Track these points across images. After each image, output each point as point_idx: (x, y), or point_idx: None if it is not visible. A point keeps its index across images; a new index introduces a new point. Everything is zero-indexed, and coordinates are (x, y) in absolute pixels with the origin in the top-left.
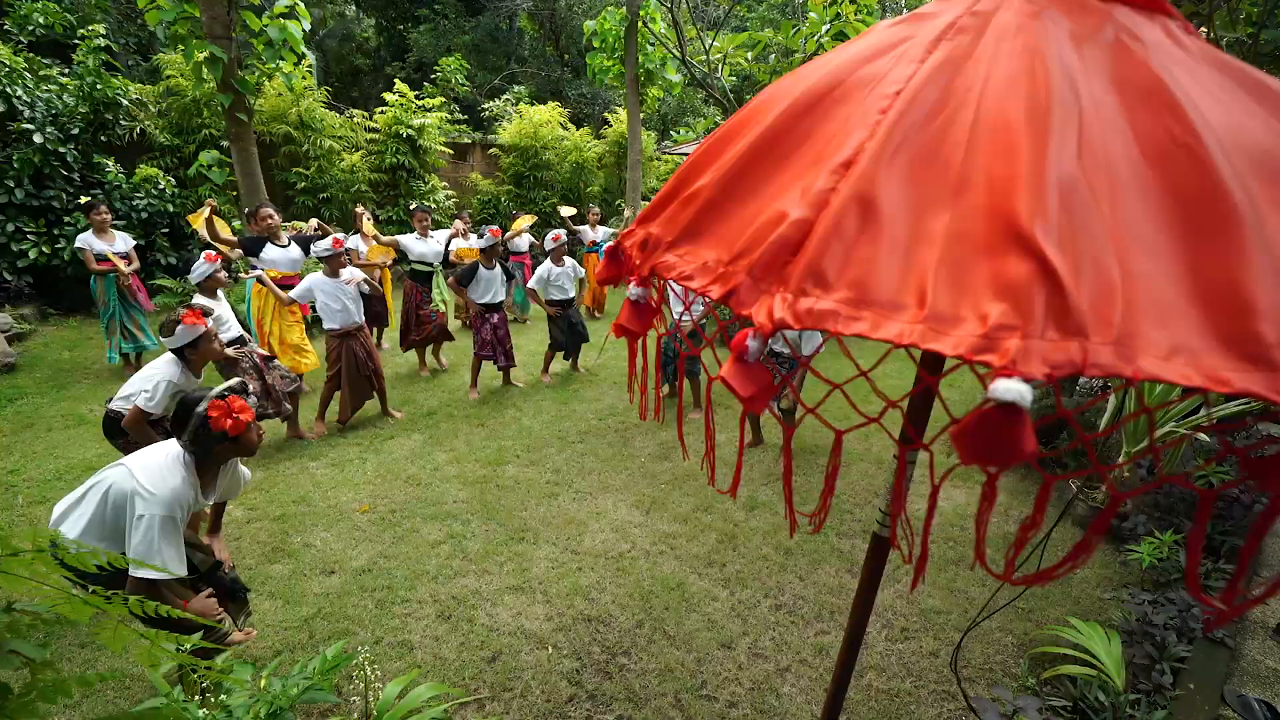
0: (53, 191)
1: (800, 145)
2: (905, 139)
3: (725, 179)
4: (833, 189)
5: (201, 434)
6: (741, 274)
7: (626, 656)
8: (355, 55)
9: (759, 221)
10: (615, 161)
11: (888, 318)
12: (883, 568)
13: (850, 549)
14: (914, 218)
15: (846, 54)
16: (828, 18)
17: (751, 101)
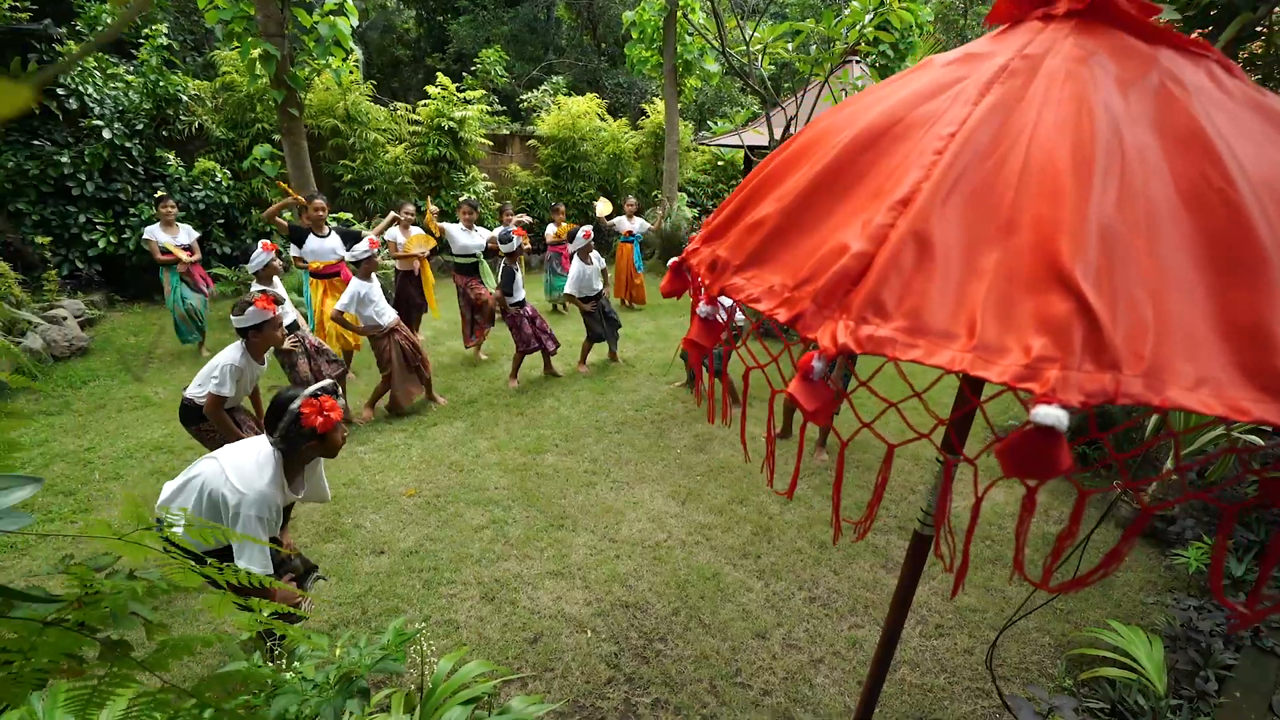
0: (119, 184)
1: (860, 180)
2: (959, 179)
3: (789, 209)
4: (891, 225)
5: (292, 430)
6: (807, 300)
7: (663, 642)
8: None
9: (822, 251)
10: (652, 152)
11: (940, 346)
12: (923, 565)
13: (885, 545)
14: (966, 254)
15: (905, 90)
16: (871, 6)
17: (810, 129)
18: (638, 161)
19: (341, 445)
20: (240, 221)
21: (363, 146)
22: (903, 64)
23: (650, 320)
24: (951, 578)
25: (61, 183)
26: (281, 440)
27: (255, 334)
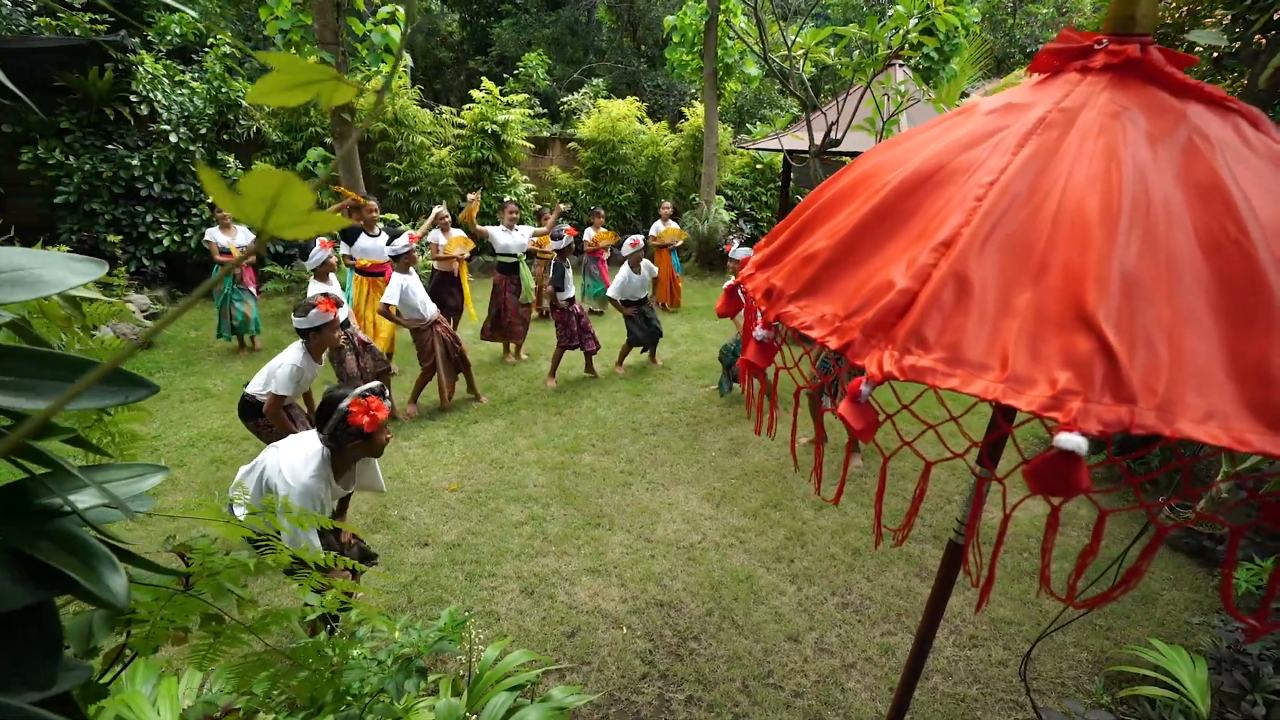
0: (183, 185)
1: (907, 221)
2: (996, 225)
3: (841, 244)
4: (934, 265)
5: (339, 429)
6: (856, 330)
7: (696, 641)
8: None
9: (871, 286)
10: (690, 155)
11: (976, 376)
12: (956, 573)
13: (919, 553)
14: (1001, 294)
15: (950, 137)
16: (915, 10)
17: (859, 165)
18: (676, 164)
19: (386, 444)
20: None
21: (409, 149)
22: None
23: (687, 323)
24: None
25: (131, 184)
26: (330, 438)
27: (315, 335)
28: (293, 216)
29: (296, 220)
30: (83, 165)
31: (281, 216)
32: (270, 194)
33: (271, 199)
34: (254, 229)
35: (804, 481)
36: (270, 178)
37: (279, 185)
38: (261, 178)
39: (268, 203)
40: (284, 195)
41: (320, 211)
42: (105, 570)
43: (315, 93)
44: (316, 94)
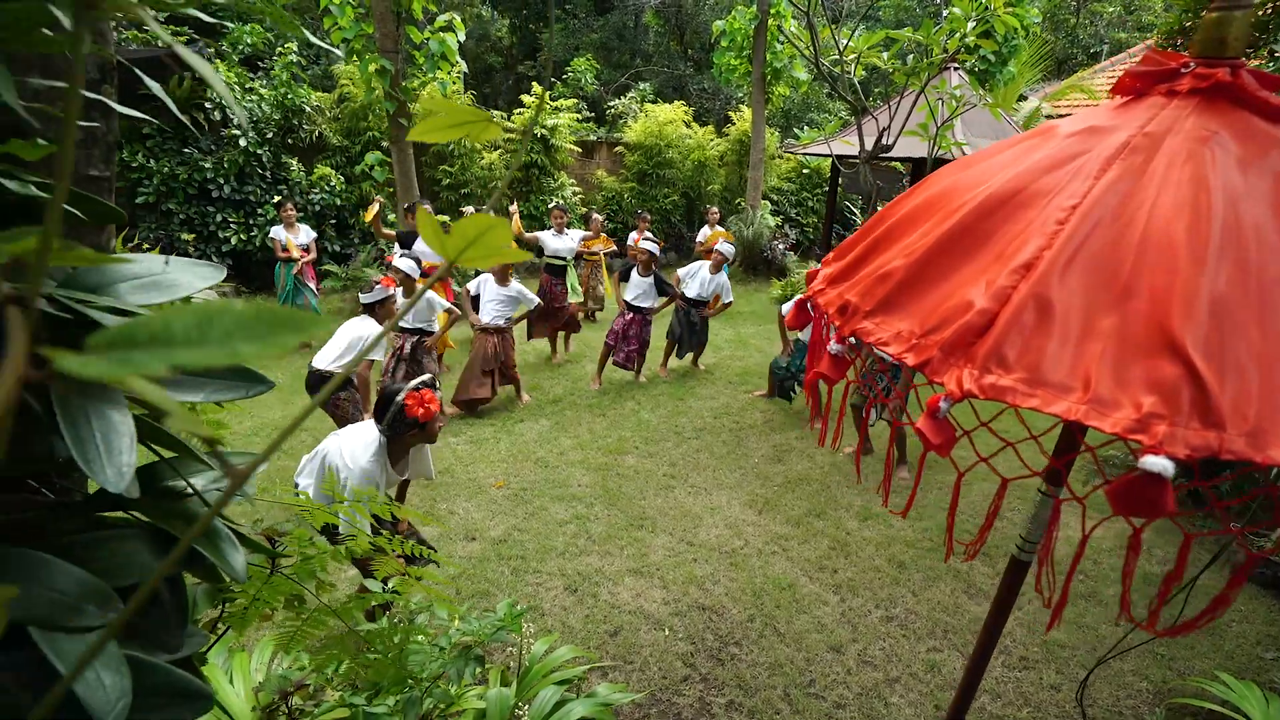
0: (251, 187)
1: (984, 242)
2: (1079, 249)
3: (917, 263)
4: (1014, 287)
5: (397, 419)
6: (934, 349)
7: (738, 647)
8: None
9: (948, 305)
10: (736, 159)
11: (1058, 397)
12: (1018, 590)
13: (968, 570)
14: (1083, 317)
15: (1029, 160)
16: (973, 12)
17: (932, 185)
18: (722, 169)
19: (438, 433)
20: (349, 223)
21: (460, 153)
22: (1004, 69)
23: (730, 328)
24: (1040, 609)
25: (204, 186)
26: (388, 428)
27: (380, 307)
28: (487, 251)
29: (489, 255)
30: (161, 168)
31: (476, 251)
32: (474, 234)
33: (473, 238)
34: (447, 259)
35: (848, 491)
36: (481, 221)
37: (485, 227)
38: (475, 220)
39: (468, 240)
40: (487, 235)
41: (511, 248)
42: (227, 547)
43: (467, 131)
44: (467, 132)
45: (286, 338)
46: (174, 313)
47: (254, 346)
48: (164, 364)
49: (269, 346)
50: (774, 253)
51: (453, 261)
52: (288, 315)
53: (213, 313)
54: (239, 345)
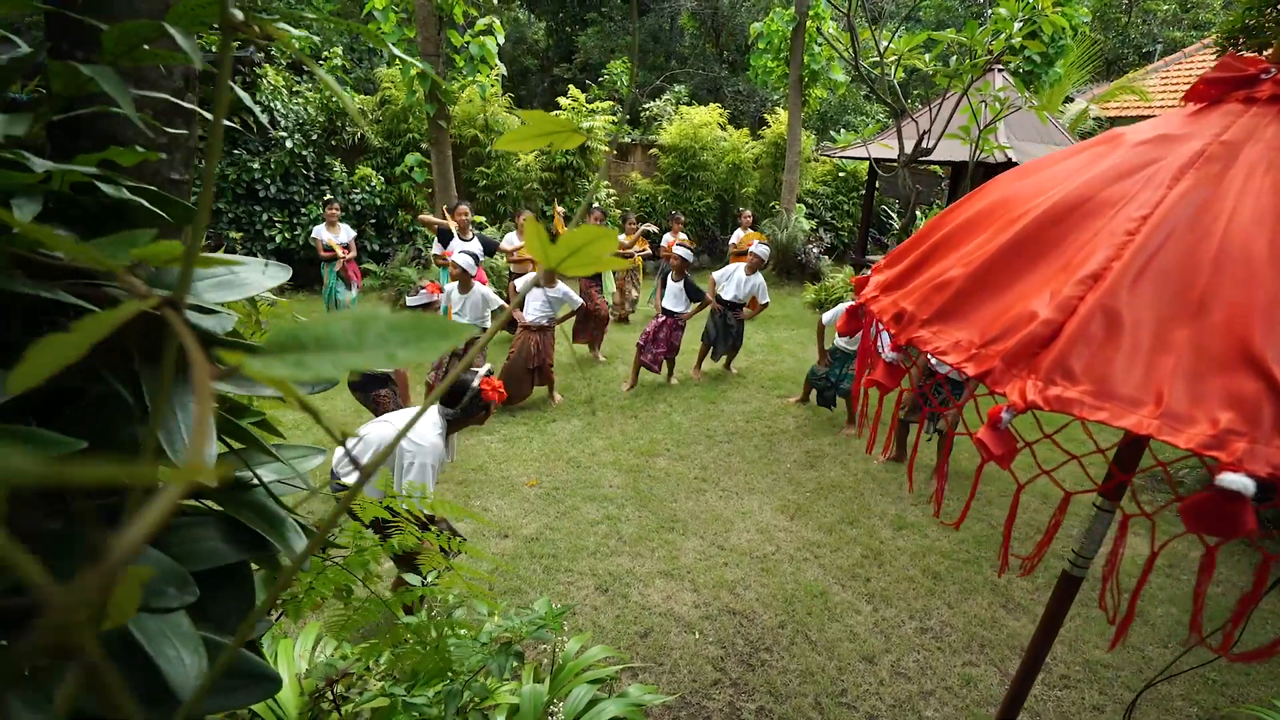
0: (295, 187)
1: (1048, 252)
2: (1151, 260)
3: (976, 273)
4: (1081, 298)
5: (474, 402)
6: (995, 359)
7: (768, 653)
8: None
9: (1010, 315)
10: (772, 162)
11: (1128, 411)
12: (1069, 605)
13: (1006, 584)
14: (1155, 330)
15: (1095, 168)
16: (1019, 13)
17: (989, 193)
18: (756, 171)
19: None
20: (389, 222)
21: (497, 154)
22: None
23: (763, 332)
24: (1081, 626)
25: (251, 186)
26: (462, 411)
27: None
28: (588, 260)
29: (590, 264)
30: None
31: (578, 259)
32: (579, 245)
33: (578, 247)
34: (547, 266)
35: (881, 499)
36: (590, 233)
37: (592, 237)
38: (584, 232)
39: (572, 249)
40: (591, 245)
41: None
42: (292, 536)
43: (550, 141)
44: (551, 142)
45: (437, 344)
46: (330, 320)
47: (409, 351)
48: (335, 367)
49: (421, 352)
50: (808, 256)
51: (552, 269)
52: (435, 323)
53: (365, 319)
54: (396, 349)
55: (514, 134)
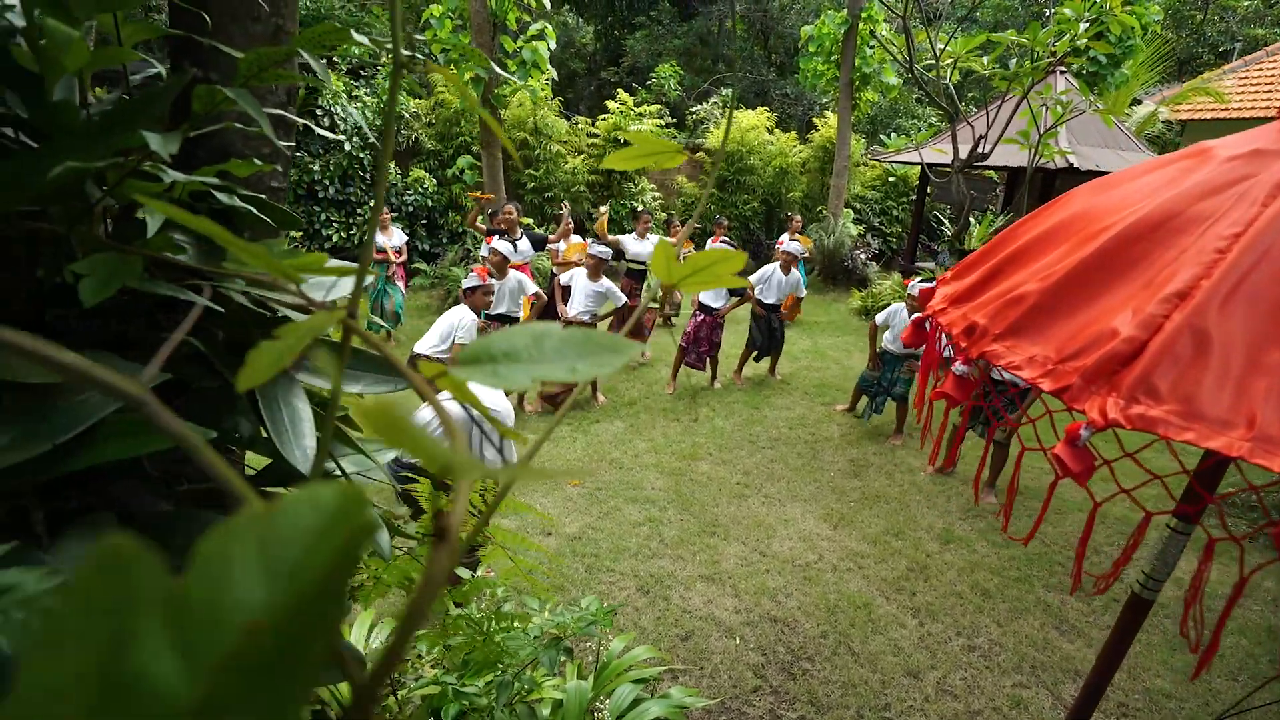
0: (352, 188)
1: (1130, 269)
2: (1243, 280)
3: (1053, 288)
4: (1166, 316)
5: None
6: (1074, 375)
7: (810, 662)
8: (573, 60)
9: (1089, 332)
10: (819, 166)
11: (1216, 433)
12: (1137, 629)
13: (1059, 604)
14: (1247, 351)
15: (1183, 184)
16: (1086, 14)
17: (1063, 206)
18: (804, 175)
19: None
20: (440, 223)
21: (546, 157)
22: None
23: (808, 338)
24: (1140, 652)
25: (311, 186)
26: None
27: (470, 294)
28: (710, 279)
29: (711, 281)
30: None
31: (700, 278)
32: (704, 263)
33: (702, 266)
34: (667, 284)
35: (928, 512)
36: (720, 254)
37: (717, 258)
38: (714, 253)
39: (696, 268)
40: (716, 265)
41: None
42: None
43: (654, 160)
44: (654, 160)
45: (611, 358)
46: (511, 334)
47: (588, 364)
48: (525, 377)
49: (599, 365)
50: (855, 262)
51: (672, 286)
52: (608, 339)
53: (541, 333)
54: (576, 362)
55: (620, 154)
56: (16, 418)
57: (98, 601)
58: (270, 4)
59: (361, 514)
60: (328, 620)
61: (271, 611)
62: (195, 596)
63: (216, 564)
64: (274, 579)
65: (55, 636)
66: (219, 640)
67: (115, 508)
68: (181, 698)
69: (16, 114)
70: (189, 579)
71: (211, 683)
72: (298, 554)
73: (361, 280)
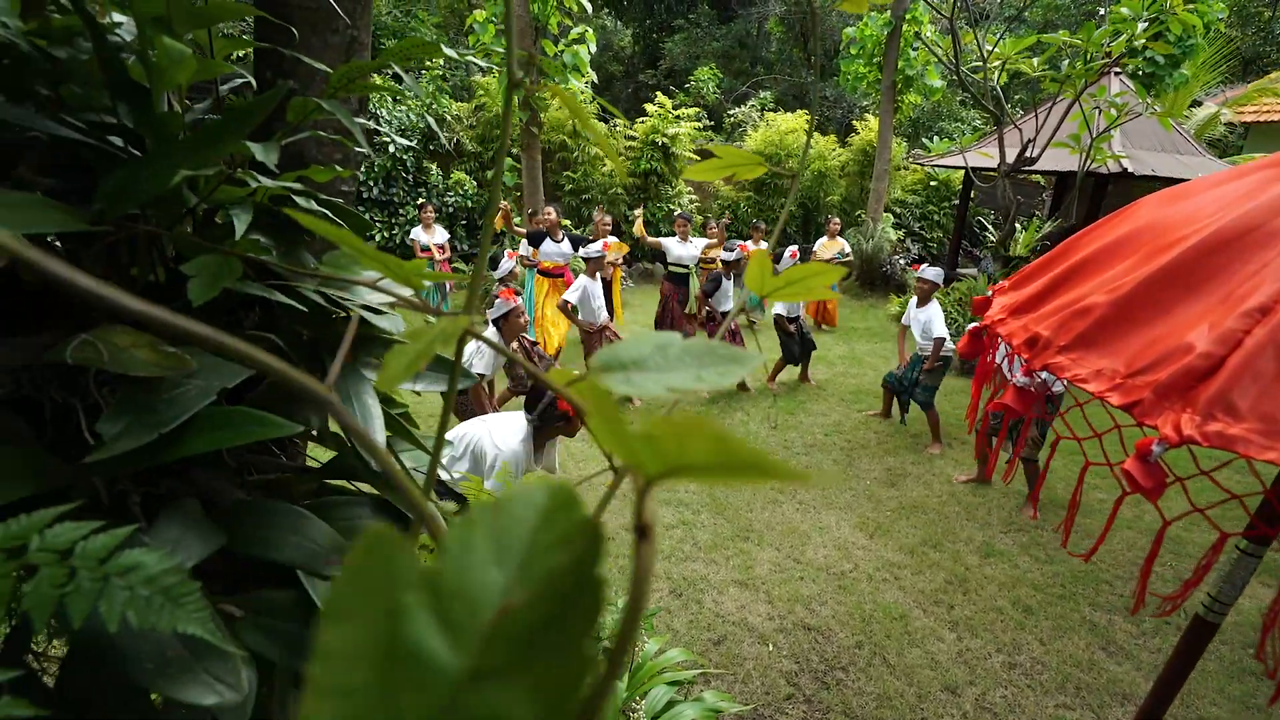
0: (395, 189)
1: (1206, 283)
2: None
3: (1122, 300)
4: (1246, 331)
5: (548, 411)
6: (1145, 390)
7: (844, 672)
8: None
9: (1162, 347)
10: (859, 170)
11: None
12: (1200, 653)
13: (1107, 624)
14: None
15: (1263, 196)
16: (1145, 12)
17: (1130, 217)
18: (842, 179)
19: (579, 429)
20: (479, 224)
21: (584, 160)
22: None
23: (843, 344)
24: (1200, 680)
25: (357, 188)
26: (538, 418)
27: (503, 321)
28: (802, 291)
29: (803, 294)
30: None
31: (793, 290)
32: (799, 277)
33: (796, 280)
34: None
35: (968, 524)
36: (812, 269)
37: (812, 272)
38: (808, 268)
39: (790, 280)
40: (810, 278)
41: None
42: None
43: (734, 170)
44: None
45: (732, 369)
46: (635, 343)
47: (713, 373)
48: (657, 386)
49: (722, 375)
50: (893, 267)
51: (763, 296)
52: (727, 350)
53: (663, 343)
54: (701, 371)
55: (702, 166)
56: (127, 408)
57: (368, 581)
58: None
59: (573, 510)
60: (579, 604)
61: (510, 593)
62: (446, 579)
63: (459, 552)
64: (506, 566)
65: (337, 609)
66: (476, 618)
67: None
68: (453, 667)
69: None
70: (440, 564)
71: (479, 655)
72: (524, 544)
73: (477, 288)
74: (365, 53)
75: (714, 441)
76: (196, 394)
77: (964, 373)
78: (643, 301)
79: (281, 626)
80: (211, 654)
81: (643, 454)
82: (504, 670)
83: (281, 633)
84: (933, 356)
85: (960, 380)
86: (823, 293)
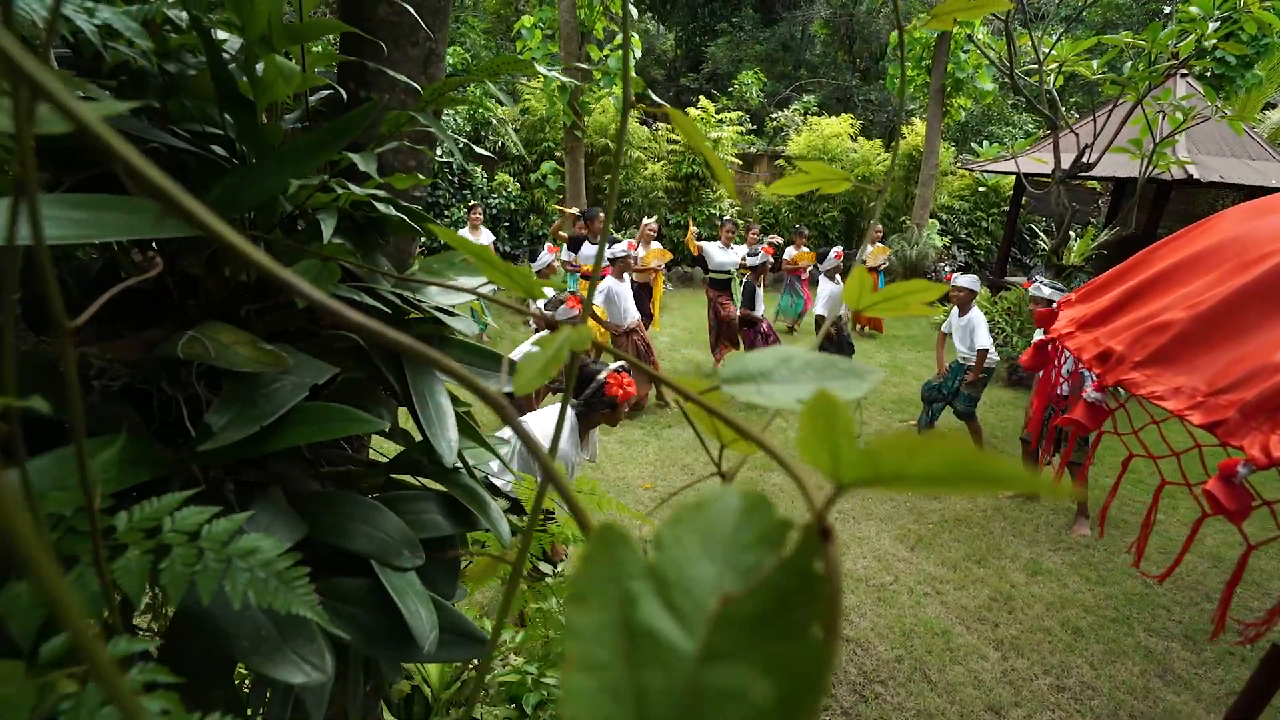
0: (440, 191)
1: None
2: None
3: (1204, 316)
4: None
5: (595, 397)
6: (1230, 409)
7: (883, 686)
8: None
9: (1248, 365)
10: (904, 175)
11: None
12: (1278, 685)
13: (1164, 651)
14: None
15: None
16: (1215, 11)
17: (1211, 231)
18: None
19: (622, 418)
20: (521, 226)
21: (626, 163)
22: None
23: (885, 351)
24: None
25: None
26: (584, 404)
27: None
28: (899, 307)
29: (900, 310)
30: None
31: (891, 305)
32: (899, 293)
33: (896, 295)
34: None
35: (1014, 540)
36: (912, 285)
37: (913, 288)
38: (906, 286)
39: (888, 296)
40: (909, 294)
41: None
42: (495, 516)
43: (820, 184)
44: (820, 184)
45: (854, 381)
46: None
47: (836, 385)
48: (786, 396)
49: (845, 388)
50: (939, 275)
51: (858, 311)
52: (847, 364)
53: (785, 356)
54: (825, 383)
55: (786, 181)
56: (231, 402)
57: (602, 569)
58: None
59: (767, 511)
60: (803, 595)
61: (721, 583)
62: (666, 570)
63: (672, 547)
64: (715, 560)
65: (581, 593)
66: (698, 605)
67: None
68: (686, 648)
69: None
70: (659, 557)
71: (708, 637)
72: (727, 541)
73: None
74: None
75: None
76: (291, 389)
77: (1009, 384)
78: (681, 305)
79: (355, 613)
80: (298, 635)
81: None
82: (735, 652)
83: (355, 619)
84: (976, 369)
85: (1004, 391)
86: (920, 309)
